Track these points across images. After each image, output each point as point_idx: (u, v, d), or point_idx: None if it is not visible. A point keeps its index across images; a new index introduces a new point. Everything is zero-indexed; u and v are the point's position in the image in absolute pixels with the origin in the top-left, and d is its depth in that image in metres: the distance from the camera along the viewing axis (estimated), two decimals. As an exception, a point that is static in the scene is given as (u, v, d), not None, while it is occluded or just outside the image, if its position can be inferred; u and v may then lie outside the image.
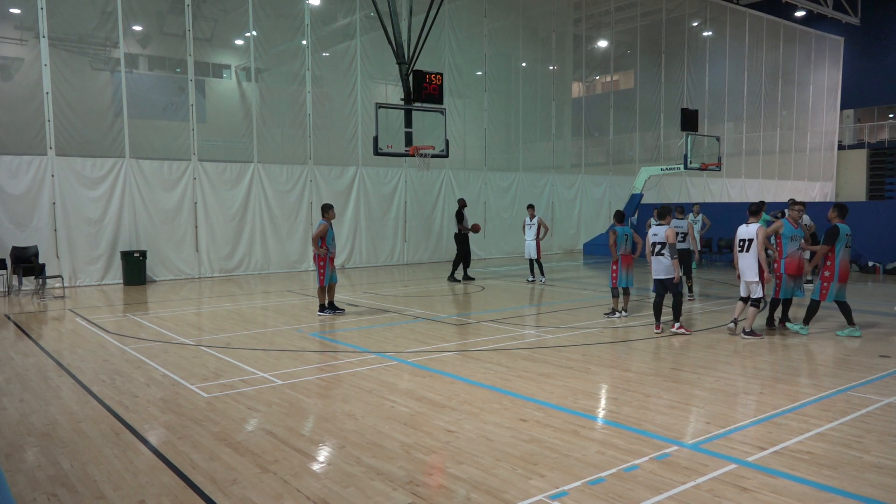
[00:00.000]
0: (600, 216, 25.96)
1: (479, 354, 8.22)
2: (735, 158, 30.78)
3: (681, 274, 9.45)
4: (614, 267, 10.77)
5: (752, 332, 9.02)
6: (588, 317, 10.83)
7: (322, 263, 10.90)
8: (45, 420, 5.85)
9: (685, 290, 12.75)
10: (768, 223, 11.51)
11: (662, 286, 9.46)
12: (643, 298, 12.97)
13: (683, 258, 12.32)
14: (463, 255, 15.95)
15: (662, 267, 9.36)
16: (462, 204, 16.30)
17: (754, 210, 9.08)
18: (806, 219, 15.18)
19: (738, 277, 9.20)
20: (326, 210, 11.11)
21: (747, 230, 9.00)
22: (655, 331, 9.48)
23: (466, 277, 15.96)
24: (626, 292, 10.85)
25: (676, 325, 9.48)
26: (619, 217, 11.09)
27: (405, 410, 6.00)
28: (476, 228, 16.09)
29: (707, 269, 18.52)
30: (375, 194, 20.04)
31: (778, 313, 9.86)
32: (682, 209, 12.87)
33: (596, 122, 26.54)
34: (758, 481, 4.41)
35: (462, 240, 15.89)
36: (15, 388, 6.91)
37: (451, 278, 15.94)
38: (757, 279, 8.88)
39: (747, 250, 8.94)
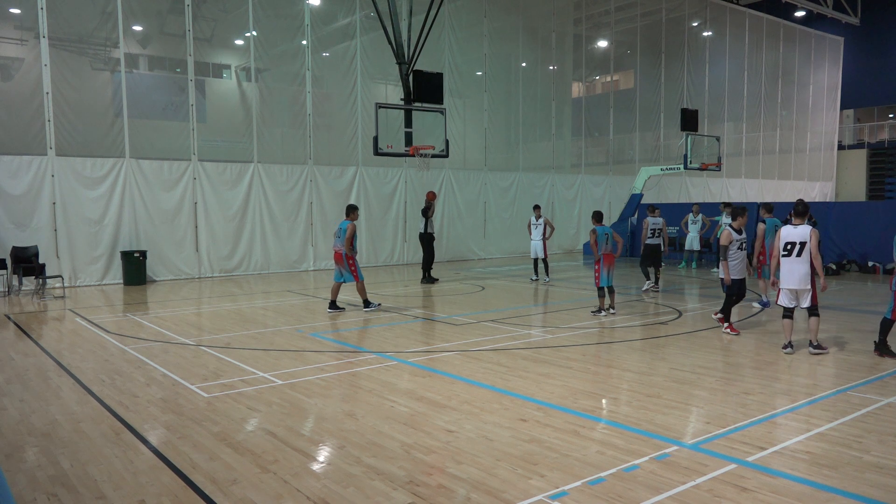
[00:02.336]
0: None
1: (479, 354, 8.22)
2: (735, 158, 30.78)
3: (723, 275, 9.14)
4: (597, 267, 10.93)
5: (819, 346, 8.06)
6: (588, 317, 10.84)
7: (352, 262, 11.19)
8: (45, 420, 5.85)
9: (654, 280, 13.92)
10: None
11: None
12: (643, 298, 12.98)
13: (653, 253, 13.76)
14: (429, 256, 15.86)
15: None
16: (431, 197, 15.99)
17: (801, 210, 8.01)
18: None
19: (774, 285, 8.19)
20: (353, 210, 11.39)
21: (797, 232, 7.91)
22: (724, 327, 9.46)
23: (427, 279, 15.75)
24: (612, 290, 11.01)
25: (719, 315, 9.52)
26: (598, 217, 11.25)
27: (405, 410, 6.00)
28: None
29: (707, 269, 18.50)
30: (375, 194, 20.04)
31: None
32: (653, 207, 14.35)
33: (596, 122, 26.53)
34: (758, 481, 4.41)
35: (428, 239, 15.80)
36: (15, 388, 6.91)
37: (428, 279, 15.78)
38: (810, 287, 7.88)
39: (798, 255, 7.87)
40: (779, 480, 4.42)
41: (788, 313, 8.20)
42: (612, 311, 10.94)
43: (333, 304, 11.44)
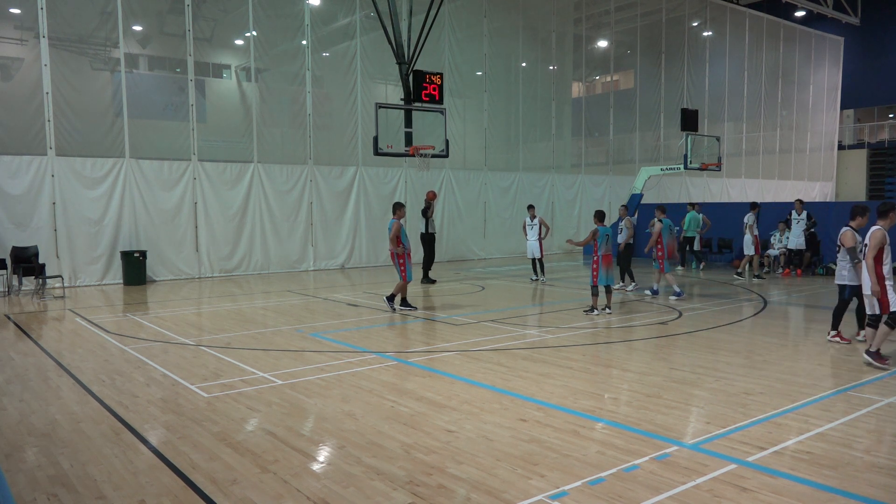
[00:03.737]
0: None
1: (479, 354, 8.22)
2: (735, 158, 30.77)
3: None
4: (595, 266, 10.92)
5: (877, 355, 7.38)
6: (588, 317, 10.83)
7: (402, 261, 11.21)
8: (45, 420, 5.85)
9: (625, 279, 14.25)
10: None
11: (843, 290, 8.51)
12: (642, 298, 12.97)
13: (626, 251, 14.19)
14: (430, 256, 15.89)
15: (844, 272, 8.43)
16: (431, 197, 15.97)
17: (883, 210, 7.68)
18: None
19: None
20: (398, 208, 11.46)
21: (866, 234, 7.67)
22: (827, 337, 8.83)
23: (426, 279, 15.76)
24: (608, 290, 11.11)
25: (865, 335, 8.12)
26: (601, 217, 11.27)
27: (405, 410, 6.00)
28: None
29: (708, 269, 18.51)
30: (375, 194, 20.04)
31: None
32: (627, 207, 14.93)
33: (596, 122, 26.52)
34: (758, 481, 4.41)
35: (429, 240, 15.83)
36: (15, 388, 6.91)
37: (427, 280, 15.79)
38: (870, 291, 7.42)
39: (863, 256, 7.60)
40: (779, 480, 4.42)
41: (871, 320, 7.60)
42: (607, 310, 10.98)
43: (404, 302, 11.62)
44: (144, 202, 16.16)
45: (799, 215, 16.68)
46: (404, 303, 11.68)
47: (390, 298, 11.66)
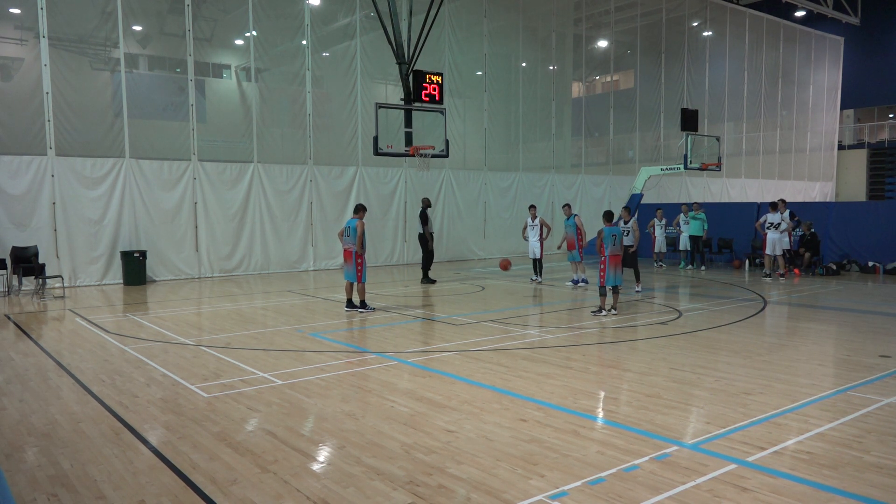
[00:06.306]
0: (600, 216, 25.89)
1: (479, 354, 8.22)
2: (735, 158, 30.77)
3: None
4: (602, 266, 10.89)
5: None
6: (588, 317, 10.83)
7: (360, 261, 11.14)
8: (45, 420, 5.85)
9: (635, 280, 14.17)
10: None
11: None
12: (644, 298, 12.98)
13: (628, 254, 13.89)
14: (428, 257, 15.94)
15: None
16: (426, 204, 16.11)
17: None
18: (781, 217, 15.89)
19: None
20: (361, 209, 11.42)
21: None
22: None
23: (426, 279, 15.79)
24: (616, 290, 11.04)
25: None
26: (609, 217, 11.29)
27: (405, 410, 6.00)
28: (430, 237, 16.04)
29: (707, 269, 18.50)
30: (375, 194, 20.04)
31: None
32: (629, 209, 14.86)
33: (596, 122, 26.52)
34: (758, 481, 4.41)
35: (428, 240, 15.90)
36: (15, 388, 6.91)
37: (426, 280, 15.81)
38: None
39: None
40: (779, 480, 4.42)
41: None
42: (613, 311, 10.96)
43: (350, 303, 11.48)
44: (144, 202, 16.16)
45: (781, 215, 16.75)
46: (349, 304, 11.51)
47: (363, 305, 11.49)
